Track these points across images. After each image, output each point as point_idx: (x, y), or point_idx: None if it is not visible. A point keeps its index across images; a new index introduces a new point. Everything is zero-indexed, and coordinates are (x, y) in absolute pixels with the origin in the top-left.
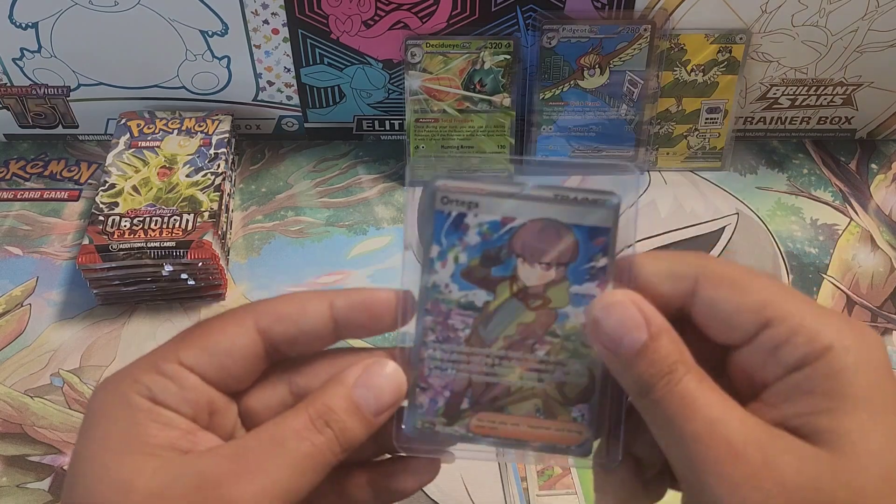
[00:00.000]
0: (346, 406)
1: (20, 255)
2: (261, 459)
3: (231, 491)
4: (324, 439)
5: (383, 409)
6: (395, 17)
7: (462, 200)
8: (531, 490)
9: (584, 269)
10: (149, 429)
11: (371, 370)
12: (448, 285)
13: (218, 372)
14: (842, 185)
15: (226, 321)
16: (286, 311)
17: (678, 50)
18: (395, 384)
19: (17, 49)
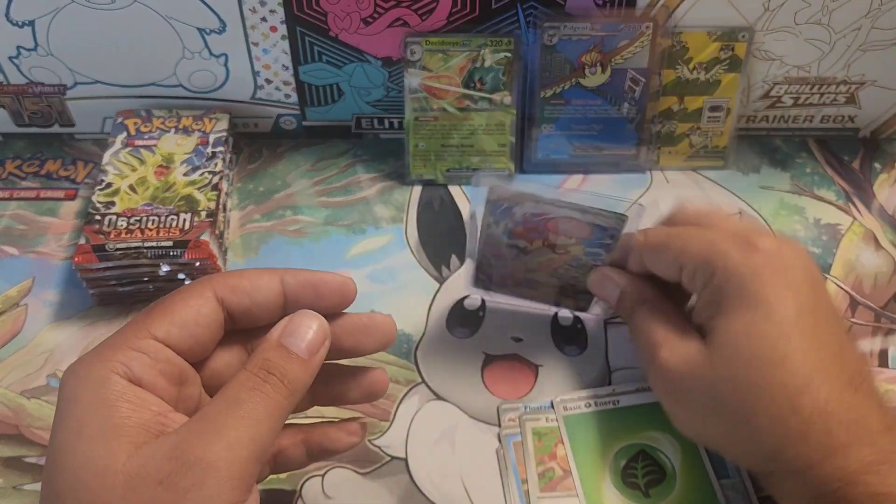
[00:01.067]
0: (280, 353)
1: (16, 254)
2: (221, 419)
3: (200, 451)
4: (270, 387)
5: (314, 348)
6: (394, 14)
7: (511, 199)
8: (532, 492)
9: (595, 242)
10: (121, 411)
11: (293, 321)
12: (500, 236)
13: (188, 341)
14: (845, 185)
15: (187, 294)
16: (241, 284)
17: (680, 48)
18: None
19: (13, 47)
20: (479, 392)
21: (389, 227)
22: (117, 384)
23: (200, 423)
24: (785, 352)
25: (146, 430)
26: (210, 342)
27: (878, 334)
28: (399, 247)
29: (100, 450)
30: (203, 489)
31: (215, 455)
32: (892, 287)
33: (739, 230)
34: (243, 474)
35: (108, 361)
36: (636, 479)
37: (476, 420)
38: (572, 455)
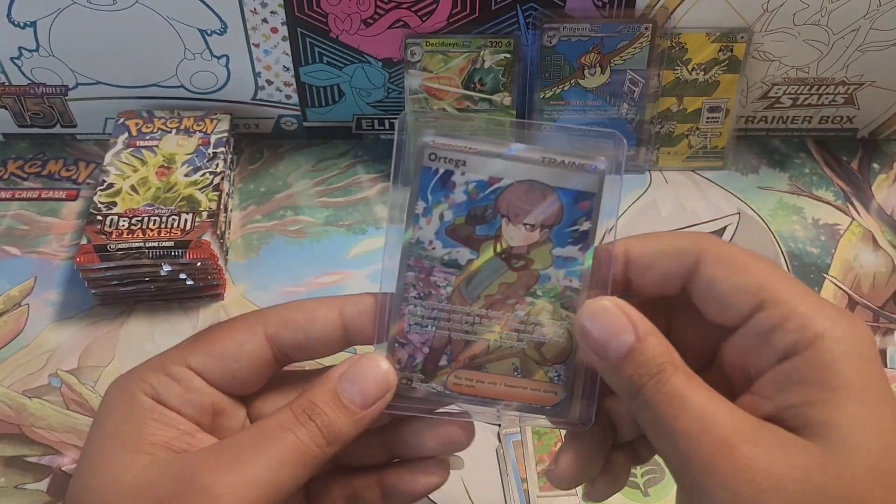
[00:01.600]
0: (329, 399)
1: (18, 254)
2: (242, 452)
3: (208, 481)
4: (306, 432)
5: (369, 401)
6: (394, 15)
7: (450, 158)
8: (532, 491)
9: (568, 231)
10: (148, 427)
11: (357, 364)
12: (432, 242)
13: (223, 376)
14: (843, 185)
15: (235, 327)
16: (294, 318)
17: (679, 49)
18: (383, 377)
19: (15, 48)
20: None
21: None
22: (145, 403)
23: (222, 450)
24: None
25: (169, 448)
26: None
27: (877, 334)
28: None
29: (116, 460)
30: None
31: (223, 488)
32: (891, 287)
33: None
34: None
35: (142, 381)
36: (636, 479)
37: None
38: None
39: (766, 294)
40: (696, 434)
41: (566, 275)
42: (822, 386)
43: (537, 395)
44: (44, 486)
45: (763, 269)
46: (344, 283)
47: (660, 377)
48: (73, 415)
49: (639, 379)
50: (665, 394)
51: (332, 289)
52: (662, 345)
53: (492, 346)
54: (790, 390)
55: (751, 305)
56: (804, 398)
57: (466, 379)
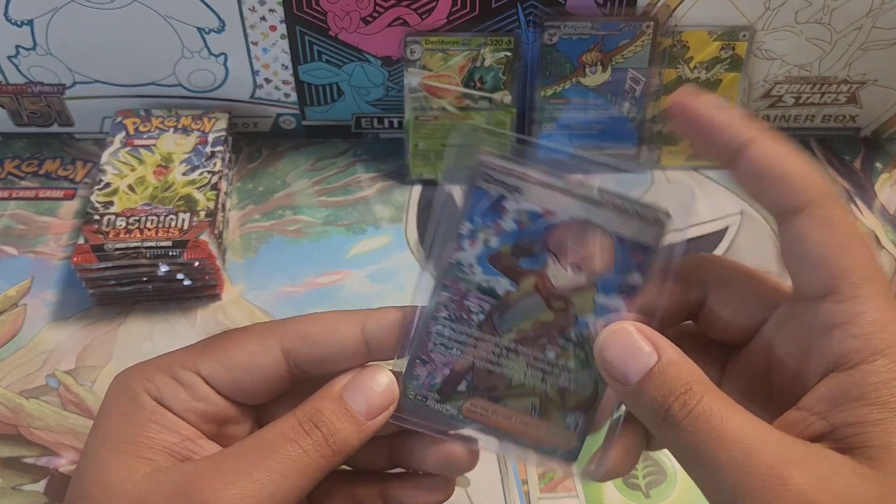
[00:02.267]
0: (335, 408)
1: (15, 254)
2: (245, 463)
3: (210, 494)
4: (311, 441)
5: (375, 411)
6: (394, 13)
7: (506, 182)
8: (532, 492)
9: (616, 281)
10: (148, 429)
11: (363, 374)
12: (472, 266)
13: (232, 386)
14: (846, 184)
15: (250, 337)
16: (313, 333)
17: (681, 47)
18: (387, 387)
19: (12, 46)
20: None
21: (389, 227)
22: (147, 404)
23: (223, 461)
24: None
25: (169, 454)
26: (263, 391)
27: None
28: (399, 247)
29: (116, 464)
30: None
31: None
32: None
33: None
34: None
35: (146, 381)
36: (637, 480)
37: None
38: None
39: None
40: (742, 464)
41: (605, 325)
42: (883, 405)
43: (550, 439)
44: (41, 487)
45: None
46: (343, 283)
47: (688, 397)
48: (70, 415)
49: (663, 399)
50: (700, 419)
51: (332, 289)
52: (687, 364)
53: (514, 381)
54: (847, 408)
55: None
56: (864, 417)
57: (482, 408)
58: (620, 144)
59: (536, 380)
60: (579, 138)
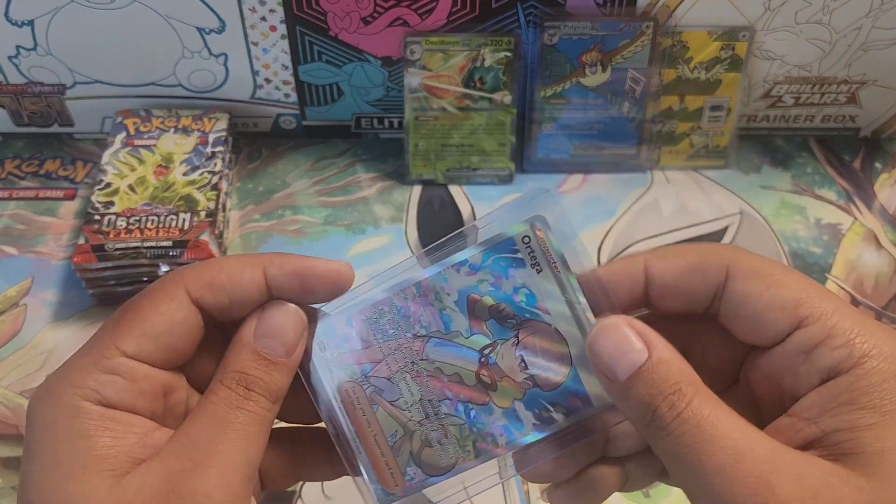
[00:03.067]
0: (257, 363)
1: (15, 254)
2: (209, 445)
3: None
4: (253, 403)
5: (292, 347)
6: (394, 13)
7: (536, 259)
8: (532, 492)
9: (540, 406)
10: (102, 440)
11: (266, 317)
12: (452, 292)
13: (164, 354)
14: (846, 184)
15: (157, 297)
16: (219, 279)
17: (681, 47)
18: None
19: (12, 47)
20: None
21: (389, 227)
22: (93, 412)
23: (189, 450)
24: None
25: (130, 459)
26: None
27: None
28: (399, 247)
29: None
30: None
31: (210, 485)
32: (893, 287)
33: None
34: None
35: (79, 388)
36: None
37: None
38: None
39: (805, 310)
40: (730, 471)
41: (504, 431)
42: (873, 409)
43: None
44: None
45: (799, 282)
46: None
47: (676, 398)
48: None
49: (651, 399)
50: (687, 421)
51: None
52: (678, 363)
53: (399, 401)
54: (837, 413)
55: (790, 322)
56: (854, 422)
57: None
58: (620, 145)
59: (417, 415)
60: (579, 138)
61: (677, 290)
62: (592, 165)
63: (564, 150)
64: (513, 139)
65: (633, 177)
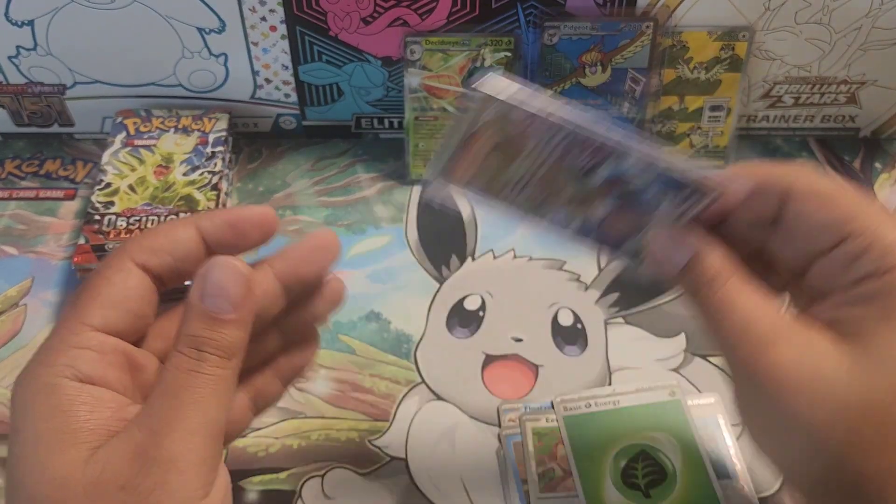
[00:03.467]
0: (206, 324)
1: (15, 254)
2: (169, 411)
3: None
4: (207, 365)
5: (240, 301)
6: (394, 13)
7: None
8: (532, 492)
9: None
10: (79, 414)
11: (208, 276)
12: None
13: (126, 320)
14: None
15: (107, 271)
16: (158, 243)
17: (680, 47)
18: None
19: (12, 47)
20: (479, 392)
21: (389, 227)
22: (69, 388)
23: (150, 418)
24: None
25: (107, 431)
26: (148, 313)
27: None
28: (399, 247)
29: (57, 459)
30: (167, 486)
31: (172, 449)
32: None
33: None
34: (204, 459)
35: (53, 366)
36: (636, 480)
37: (476, 420)
38: (572, 455)
39: (850, 226)
40: (739, 335)
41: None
42: (886, 307)
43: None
44: None
45: (851, 201)
46: None
47: (712, 284)
48: None
49: (694, 286)
50: (716, 300)
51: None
52: (718, 257)
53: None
54: (857, 304)
55: (836, 238)
56: (866, 312)
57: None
58: None
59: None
60: None
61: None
62: None
63: None
64: None
65: None
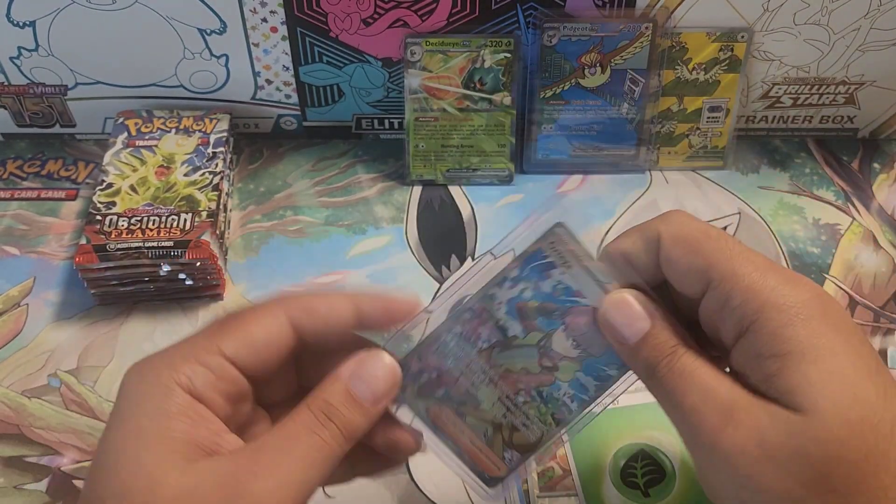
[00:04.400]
0: (344, 399)
1: (17, 254)
2: (276, 456)
3: (251, 487)
4: (328, 432)
5: (380, 397)
6: (394, 14)
7: (564, 257)
8: (532, 491)
9: (600, 368)
10: (180, 423)
11: (365, 363)
12: (501, 304)
13: (255, 363)
14: (844, 185)
15: (260, 313)
16: (317, 307)
17: (679, 48)
18: (389, 373)
19: (14, 48)
20: None
21: (389, 228)
22: (179, 397)
23: (257, 455)
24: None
25: (199, 448)
26: (276, 364)
27: (878, 334)
28: (399, 247)
29: (154, 458)
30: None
31: (265, 492)
32: (892, 287)
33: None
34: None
35: (175, 371)
36: (636, 479)
37: None
38: (572, 455)
39: (713, 273)
40: (700, 407)
41: (573, 398)
42: (774, 355)
43: (485, 462)
44: (43, 486)
45: (714, 246)
46: (344, 284)
47: (672, 357)
48: (72, 415)
49: (654, 360)
50: (675, 371)
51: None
52: (674, 329)
53: (482, 406)
54: (752, 366)
55: (703, 284)
56: (766, 370)
57: (446, 416)
58: (619, 145)
59: (499, 412)
60: (578, 139)
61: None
62: (591, 166)
63: (564, 150)
64: (512, 140)
65: (632, 177)
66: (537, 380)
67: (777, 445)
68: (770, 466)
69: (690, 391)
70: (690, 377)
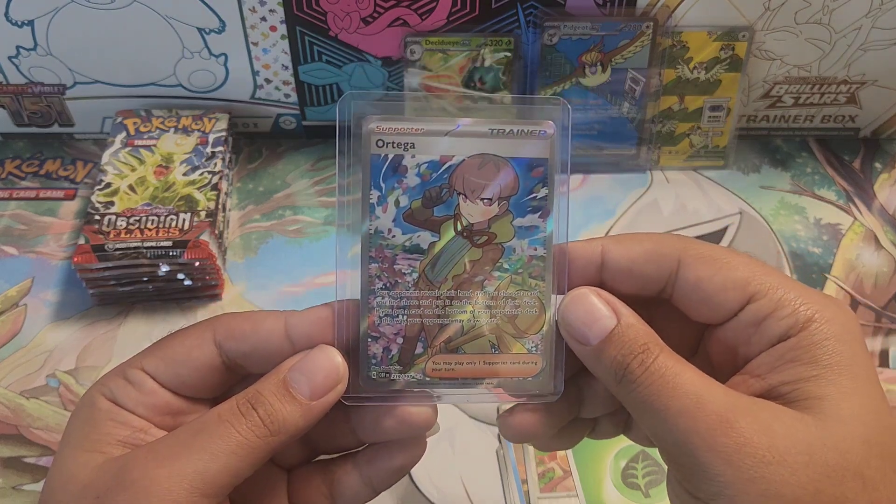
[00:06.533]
0: (277, 389)
1: (16, 254)
2: (178, 445)
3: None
4: (245, 422)
5: (318, 393)
6: (394, 13)
7: (398, 142)
8: (532, 492)
9: (526, 201)
10: (105, 426)
11: (309, 356)
12: (391, 230)
13: (173, 379)
14: (845, 185)
15: (188, 334)
16: (241, 329)
17: (680, 47)
18: (333, 369)
19: (12, 47)
20: None
21: None
22: (103, 404)
23: (159, 445)
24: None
25: (123, 445)
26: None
27: (879, 334)
28: None
29: (75, 459)
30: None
31: (152, 480)
32: (893, 287)
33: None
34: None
35: (102, 385)
36: (636, 480)
37: (476, 420)
38: (572, 455)
39: (754, 287)
40: (692, 412)
41: (530, 244)
42: (815, 363)
43: (517, 368)
44: (41, 486)
45: (745, 263)
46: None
47: (644, 356)
48: None
49: (623, 359)
50: (654, 373)
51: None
52: (644, 326)
53: (465, 326)
54: (784, 369)
55: (740, 300)
56: (799, 375)
57: (445, 363)
58: (620, 145)
59: (486, 317)
60: (579, 139)
61: (631, 275)
62: (592, 165)
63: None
64: None
65: (632, 177)
66: (488, 260)
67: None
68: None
69: (677, 394)
70: (675, 378)
